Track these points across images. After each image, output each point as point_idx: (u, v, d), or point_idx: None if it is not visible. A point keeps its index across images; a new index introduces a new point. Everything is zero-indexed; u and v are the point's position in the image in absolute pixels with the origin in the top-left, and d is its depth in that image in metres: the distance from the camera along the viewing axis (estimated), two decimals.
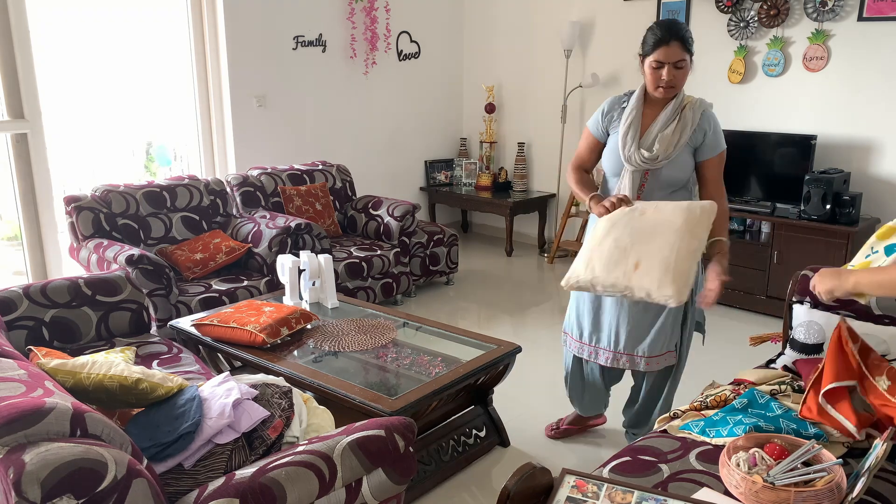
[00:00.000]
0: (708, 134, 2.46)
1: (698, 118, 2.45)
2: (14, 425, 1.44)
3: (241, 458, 1.92)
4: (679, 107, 2.46)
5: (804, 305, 2.69)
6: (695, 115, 2.44)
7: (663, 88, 2.42)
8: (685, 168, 2.48)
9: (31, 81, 4.02)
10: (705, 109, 2.49)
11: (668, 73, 2.38)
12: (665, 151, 2.42)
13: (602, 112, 2.62)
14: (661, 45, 2.37)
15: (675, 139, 2.42)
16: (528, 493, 1.74)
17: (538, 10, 5.84)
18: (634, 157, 2.46)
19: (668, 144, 2.42)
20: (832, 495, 1.67)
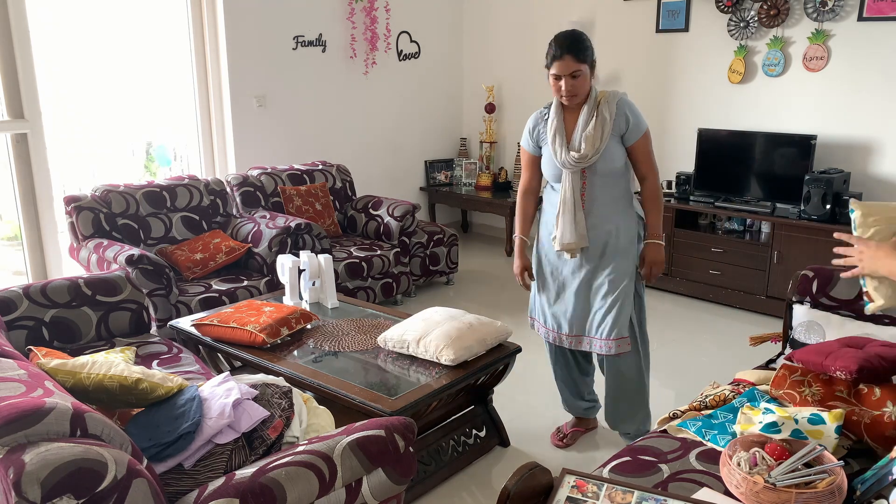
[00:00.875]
0: (630, 120, 2.63)
1: (615, 109, 2.62)
2: (14, 425, 1.44)
3: (241, 458, 1.92)
4: (594, 105, 2.64)
5: (804, 305, 2.69)
6: (611, 107, 2.62)
7: (566, 98, 2.61)
8: (617, 157, 2.66)
9: (31, 81, 4.02)
10: (620, 98, 2.64)
11: (567, 83, 2.57)
12: (593, 148, 2.60)
13: (529, 130, 2.82)
14: (555, 59, 2.56)
15: (598, 134, 2.60)
16: (528, 493, 1.74)
17: (538, 10, 5.84)
18: (568, 161, 2.64)
19: (593, 141, 2.60)
20: (833, 497, 1.67)
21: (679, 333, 4.30)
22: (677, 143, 5.23)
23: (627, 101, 2.66)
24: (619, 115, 2.62)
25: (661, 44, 5.19)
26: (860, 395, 2.08)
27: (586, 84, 2.60)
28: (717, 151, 4.83)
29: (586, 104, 2.65)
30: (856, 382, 2.11)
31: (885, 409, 2.00)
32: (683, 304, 4.80)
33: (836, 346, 2.23)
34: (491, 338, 2.81)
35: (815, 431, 1.97)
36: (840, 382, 2.14)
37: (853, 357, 2.10)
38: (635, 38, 5.30)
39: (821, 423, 1.99)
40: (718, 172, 4.83)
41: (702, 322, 4.50)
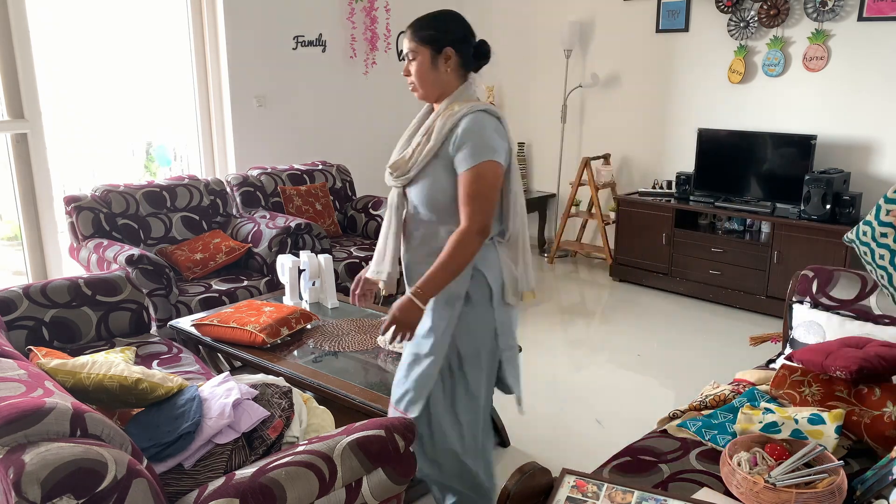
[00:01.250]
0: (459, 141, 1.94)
1: (446, 129, 1.95)
2: (14, 425, 1.44)
3: (241, 458, 1.92)
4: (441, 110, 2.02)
5: (804, 305, 2.69)
6: (453, 119, 1.96)
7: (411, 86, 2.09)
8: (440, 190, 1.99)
9: (31, 81, 4.02)
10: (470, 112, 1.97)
11: (406, 66, 2.07)
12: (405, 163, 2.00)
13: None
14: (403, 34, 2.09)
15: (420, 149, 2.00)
16: (528, 493, 1.74)
17: (538, 10, 5.84)
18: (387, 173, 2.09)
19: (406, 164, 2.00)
20: (833, 497, 1.67)
21: (679, 333, 4.30)
22: (677, 143, 5.23)
23: (473, 123, 1.95)
24: (452, 130, 1.95)
25: (661, 44, 5.19)
26: (860, 395, 2.09)
27: (423, 73, 2.04)
28: (717, 151, 4.83)
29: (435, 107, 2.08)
30: (856, 382, 2.12)
31: (885, 410, 2.00)
32: (683, 304, 4.80)
33: (836, 346, 2.23)
34: None
35: (815, 431, 1.97)
36: (840, 382, 2.15)
37: (853, 357, 2.10)
38: (635, 38, 5.30)
39: (821, 423, 1.99)
40: (718, 172, 4.83)
41: (702, 322, 4.50)
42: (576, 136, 5.85)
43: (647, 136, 5.30)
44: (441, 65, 2.04)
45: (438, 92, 2.04)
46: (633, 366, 3.86)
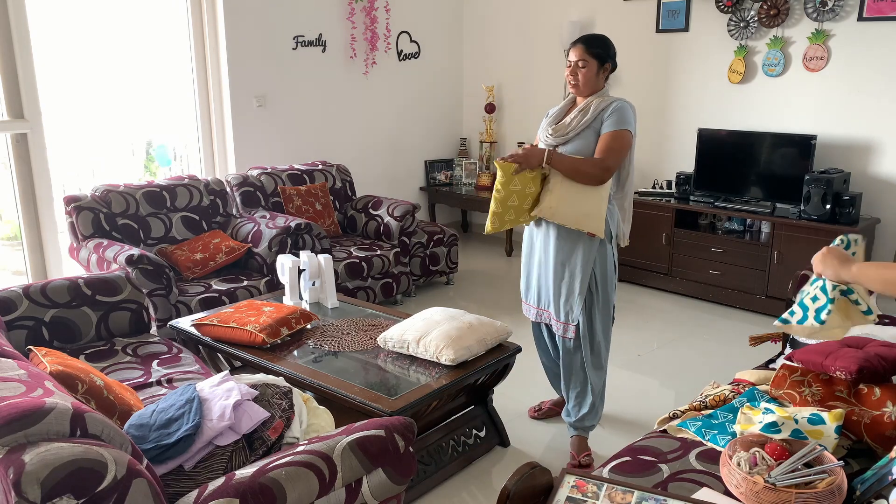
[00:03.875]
0: (612, 115, 2.73)
1: (603, 106, 2.76)
2: (14, 425, 1.44)
3: (241, 459, 1.92)
4: (589, 102, 2.80)
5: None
6: (601, 103, 2.77)
7: (570, 82, 2.81)
8: (584, 145, 2.76)
9: (31, 81, 4.02)
10: (617, 101, 2.77)
11: (573, 69, 2.79)
12: (565, 129, 2.78)
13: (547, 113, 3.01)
14: (571, 46, 2.82)
15: (578, 118, 2.78)
16: (528, 493, 1.74)
17: (538, 10, 5.84)
18: (542, 134, 2.87)
19: (567, 123, 2.79)
20: (833, 497, 1.67)
21: (679, 333, 4.30)
22: (677, 143, 5.23)
23: (621, 106, 2.74)
24: (603, 110, 2.75)
25: (661, 44, 5.19)
26: (860, 395, 2.08)
27: (589, 78, 2.77)
28: (717, 151, 4.83)
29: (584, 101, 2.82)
30: (856, 382, 2.12)
31: (885, 409, 2.00)
32: (683, 304, 4.80)
33: (835, 346, 2.23)
34: (491, 338, 2.82)
35: (815, 431, 1.97)
36: (840, 382, 2.14)
37: (853, 357, 2.10)
38: (635, 38, 5.30)
39: (821, 423, 1.99)
40: (718, 172, 4.83)
41: (702, 322, 4.50)
42: None
43: (647, 136, 5.30)
44: (600, 74, 2.81)
45: (591, 90, 2.81)
46: (633, 366, 3.86)
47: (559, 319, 2.88)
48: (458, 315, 2.91)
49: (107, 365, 2.69)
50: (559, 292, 2.85)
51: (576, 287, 2.81)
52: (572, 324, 2.85)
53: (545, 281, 2.90)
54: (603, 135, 2.72)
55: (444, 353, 2.66)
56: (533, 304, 3.00)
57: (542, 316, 2.98)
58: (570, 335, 2.88)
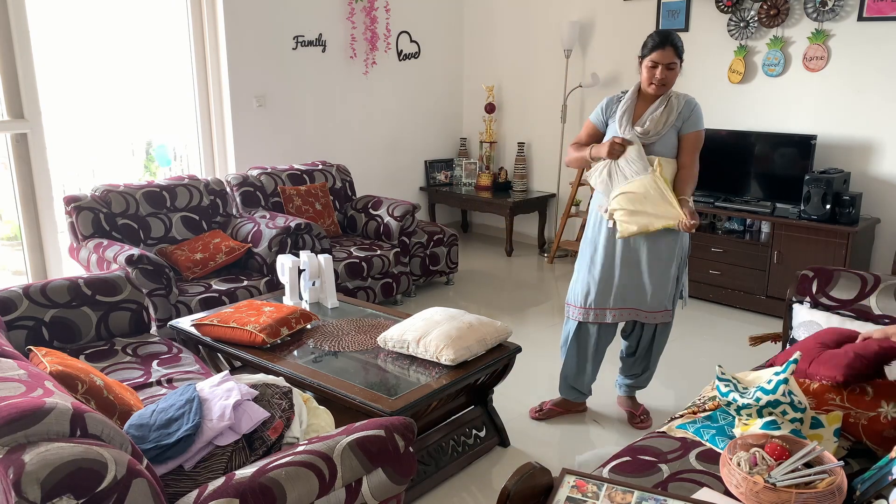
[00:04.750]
0: (691, 116, 2.91)
1: (682, 104, 2.90)
2: (14, 425, 1.44)
3: (241, 459, 1.92)
4: (667, 96, 2.91)
5: (804, 305, 2.69)
6: (679, 102, 2.90)
7: (655, 85, 2.86)
8: (671, 146, 2.92)
9: (31, 81, 4.02)
10: (689, 98, 2.93)
11: (661, 72, 2.83)
12: (655, 128, 2.87)
13: (602, 108, 3.08)
14: (658, 48, 2.83)
15: (663, 119, 2.87)
16: (528, 493, 1.74)
17: (538, 10, 5.84)
18: (632, 135, 2.89)
19: (657, 123, 2.87)
20: (833, 497, 1.67)
21: (679, 333, 4.30)
22: None
23: (696, 103, 2.94)
24: (685, 109, 2.89)
25: None
26: (853, 398, 2.07)
27: (675, 78, 2.87)
28: (717, 151, 4.82)
29: (660, 97, 2.90)
30: (845, 385, 2.11)
31: (880, 410, 2.00)
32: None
33: (814, 347, 2.23)
34: (491, 338, 2.82)
35: (814, 435, 1.97)
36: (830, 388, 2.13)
37: (836, 364, 2.09)
38: (635, 38, 5.28)
39: (819, 426, 1.99)
40: (718, 172, 4.83)
41: (702, 322, 4.50)
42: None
43: None
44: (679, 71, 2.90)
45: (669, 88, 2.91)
46: None
47: (657, 309, 3.01)
48: (458, 315, 2.91)
49: (107, 365, 2.69)
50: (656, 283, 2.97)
51: (671, 272, 2.98)
52: (669, 308, 3.04)
53: (637, 279, 2.99)
54: (689, 136, 2.91)
55: (444, 353, 2.66)
56: (617, 305, 3.03)
57: (625, 315, 3.05)
58: (667, 319, 3.06)
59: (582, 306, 3.07)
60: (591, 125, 3.09)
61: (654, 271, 2.97)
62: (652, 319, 3.05)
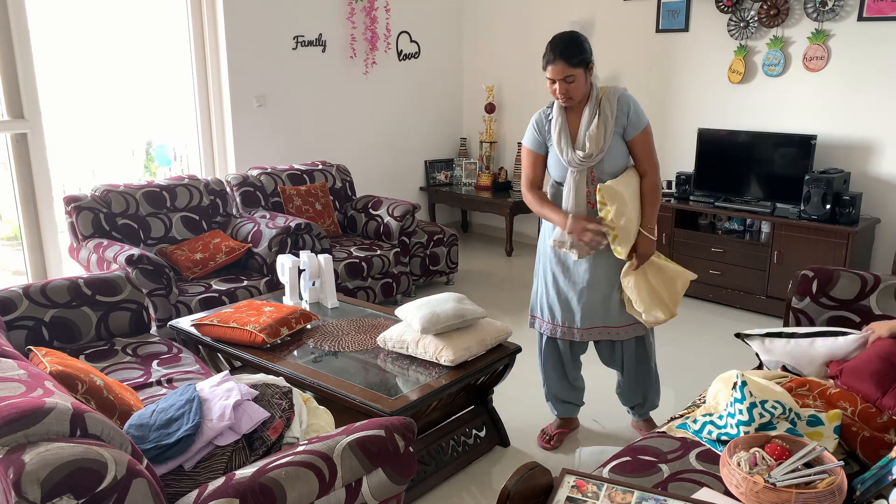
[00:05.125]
0: (630, 115, 2.64)
1: (615, 105, 2.63)
2: (14, 425, 1.44)
3: (241, 459, 1.92)
4: (596, 104, 2.64)
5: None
6: (612, 104, 2.63)
7: (562, 100, 2.64)
8: (620, 155, 2.70)
9: (31, 81, 4.02)
10: (620, 95, 2.65)
11: (561, 87, 2.59)
12: (597, 147, 2.62)
13: (535, 128, 2.78)
14: (549, 63, 2.58)
15: (601, 133, 2.62)
16: (528, 493, 1.74)
17: (538, 10, 5.84)
18: (574, 160, 2.66)
19: (597, 140, 2.62)
20: (833, 497, 1.67)
21: (679, 333, 4.30)
22: (677, 143, 5.23)
23: (628, 97, 2.67)
24: (620, 111, 2.64)
25: (661, 44, 5.18)
26: (866, 416, 2.05)
27: (581, 87, 2.61)
28: (717, 151, 4.83)
29: (588, 103, 2.67)
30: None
31: (886, 436, 1.98)
32: (683, 303, 4.77)
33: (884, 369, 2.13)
34: (491, 338, 2.81)
35: (814, 433, 1.97)
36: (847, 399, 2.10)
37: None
38: (635, 38, 5.30)
39: (819, 424, 1.98)
40: (718, 172, 4.83)
41: (702, 322, 4.50)
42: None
43: None
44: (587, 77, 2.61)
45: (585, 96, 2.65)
46: None
47: (625, 322, 2.84)
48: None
49: (107, 365, 2.69)
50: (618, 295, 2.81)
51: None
52: (636, 322, 2.85)
53: (597, 295, 2.81)
54: (637, 139, 2.67)
55: (443, 353, 2.66)
56: (585, 326, 2.85)
57: (595, 335, 2.88)
58: (640, 332, 2.89)
59: (550, 321, 2.94)
60: (531, 153, 2.82)
61: (607, 285, 2.80)
62: (624, 334, 2.87)
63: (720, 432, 2.04)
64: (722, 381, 2.20)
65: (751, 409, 1.95)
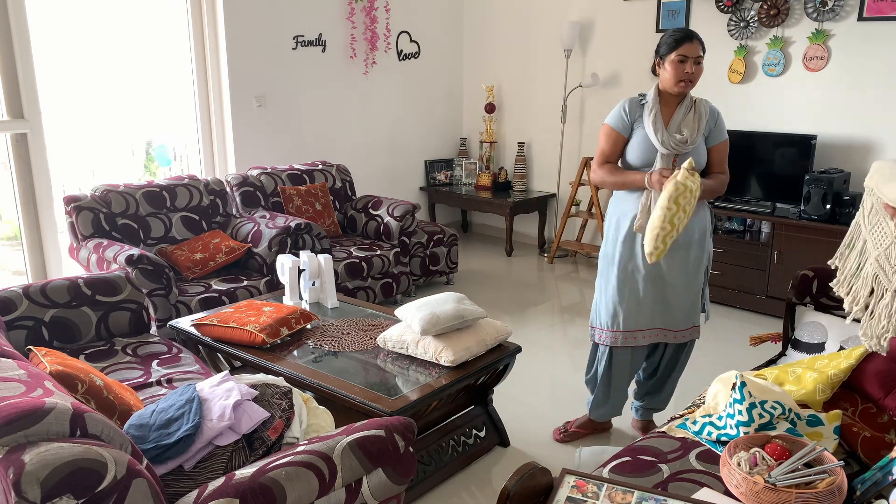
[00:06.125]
0: (718, 122, 2.78)
1: (707, 109, 2.76)
2: (14, 425, 1.44)
3: (241, 459, 1.92)
4: (690, 102, 2.75)
5: (804, 305, 2.70)
6: (705, 108, 2.75)
7: (684, 83, 2.67)
8: (703, 154, 2.75)
9: (31, 81, 4.02)
10: (712, 105, 2.80)
11: (690, 66, 2.66)
12: (691, 135, 2.69)
13: (624, 110, 2.78)
14: (685, 41, 2.65)
15: (696, 125, 2.70)
16: (528, 493, 1.74)
17: (538, 10, 5.84)
18: (668, 141, 2.67)
19: (692, 129, 2.70)
20: (833, 497, 1.67)
21: None
22: None
23: (717, 109, 2.81)
24: (710, 116, 2.76)
25: None
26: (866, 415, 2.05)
27: (700, 75, 2.70)
28: None
29: (684, 100, 2.75)
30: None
31: (887, 436, 1.98)
32: None
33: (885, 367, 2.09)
34: (491, 338, 2.81)
35: (814, 433, 1.97)
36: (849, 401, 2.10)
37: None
38: (635, 38, 5.29)
39: (819, 424, 1.98)
40: None
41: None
42: (576, 136, 5.84)
43: None
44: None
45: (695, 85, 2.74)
46: None
47: (685, 326, 2.84)
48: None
49: (107, 365, 2.69)
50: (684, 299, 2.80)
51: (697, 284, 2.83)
52: (697, 324, 2.87)
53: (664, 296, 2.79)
54: (719, 146, 2.77)
55: (443, 353, 2.66)
56: (647, 326, 2.82)
57: (655, 337, 2.85)
58: (695, 336, 2.89)
59: (610, 329, 2.84)
60: (614, 132, 2.76)
61: (682, 286, 2.78)
62: (681, 338, 2.86)
63: (720, 433, 2.04)
64: (721, 381, 2.20)
65: (750, 410, 1.95)
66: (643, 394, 3.09)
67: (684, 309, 2.82)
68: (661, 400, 3.07)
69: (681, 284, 2.78)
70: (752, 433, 1.93)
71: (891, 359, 2.13)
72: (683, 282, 2.78)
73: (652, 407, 3.09)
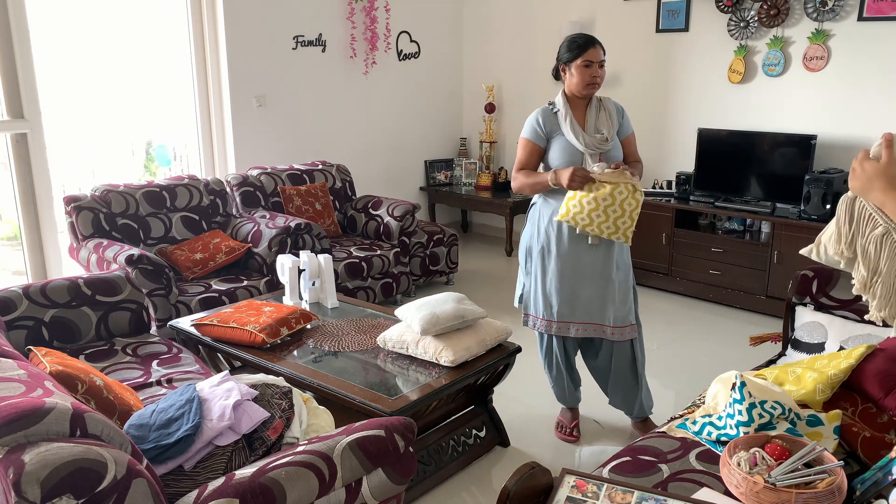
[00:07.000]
0: (625, 117, 2.95)
1: (613, 107, 2.90)
2: (14, 425, 1.44)
3: (241, 459, 1.92)
4: (597, 101, 2.89)
5: (804, 305, 2.70)
6: (611, 105, 2.90)
7: (591, 85, 2.79)
8: (619, 147, 2.91)
9: (31, 81, 4.02)
10: (615, 101, 2.96)
11: (595, 70, 2.78)
12: (610, 133, 2.84)
13: (538, 122, 2.89)
14: (588, 47, 2.77)
15: (610, 123, 2.86)
16: (528, 493, 1.74)
17: (538, 10, 5.84)
18: (591, 142, 2.81)
19: (608, 127, 2.85)
20: (833, 497, 1.67)
21: (679, 333, 4.30)
22: (677, 143, 5.23)
23: (620, 104, 2.98)
24: (617, 112, 2.92)
25: (661, 44, 5.18)
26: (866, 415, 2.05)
27: (604, 76, 2.83)
28: (716, 151, 4.83)
29: (592, 101, 2.88)
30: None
31: (887, 436, 1.98)
32: (683, 303, 4.80)
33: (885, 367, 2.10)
34: (491, 338, 2.81)
35: (814, 433, 1.97)
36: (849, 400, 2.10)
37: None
38: (635, 38, 5.30)
39: (819, 424, 1.98)
40: (718, 172, 4.83)
41: (702, 322, 4.50)
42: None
43: (648, 135, 5.29)
44: None
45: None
46: None
47: (621, 324, 2.87)
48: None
49: (107, 365, 2.69)
50: (621, 297, 2.87)
51: (629, 284, 2.91)
52: (632, 323, 2.91)
53: (601, 292, 2.84)
54: (630, 138, 2.95)
55: (443, 353, 2.66)
56: (581, 320, 2.88)
57: (592, 331, 2.89)
58: (634, 335, 2.92)
59: (544, 318, 2.94)
60: (531, 143, 2.89)
61: (617, 282, 2.85)
62: (619, 336, 2.88)
63: (720, 433, 2.04)
64: (721, 381, 2.20)
65: (750, 410, 1.95)
66: (618, 401, 3.05)
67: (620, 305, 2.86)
68: (643, 406, 3.03)
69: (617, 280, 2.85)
70: (751, 433, 1.93)
71: (891, 359, 2.13)
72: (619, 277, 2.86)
73: (637, 413, 3.04)
